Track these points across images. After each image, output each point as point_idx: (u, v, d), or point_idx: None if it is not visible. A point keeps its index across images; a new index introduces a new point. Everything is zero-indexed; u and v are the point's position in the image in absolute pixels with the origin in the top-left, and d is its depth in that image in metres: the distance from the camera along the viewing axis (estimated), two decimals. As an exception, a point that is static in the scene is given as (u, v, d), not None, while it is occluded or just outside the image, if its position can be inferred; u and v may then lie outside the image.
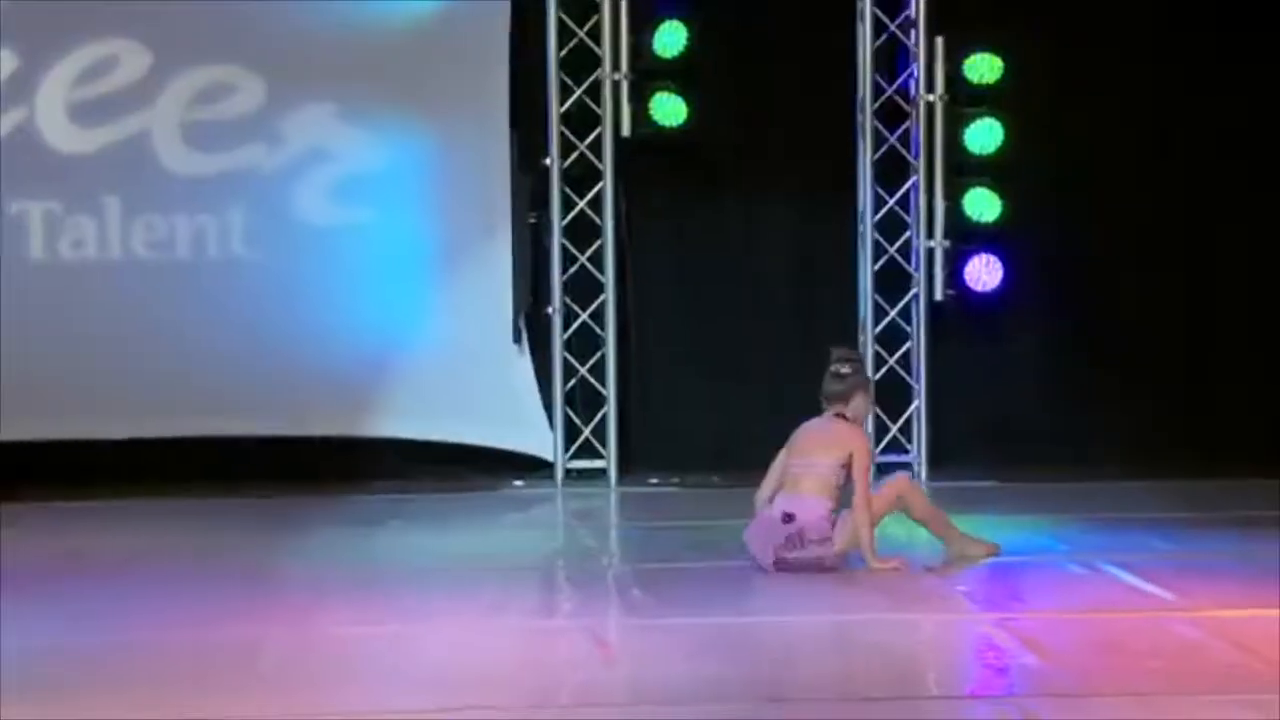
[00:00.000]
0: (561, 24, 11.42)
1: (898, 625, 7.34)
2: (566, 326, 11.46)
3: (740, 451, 11.43)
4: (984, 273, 11.36)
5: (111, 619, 7.50)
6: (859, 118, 11.46)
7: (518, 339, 11.38)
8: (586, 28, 11.45)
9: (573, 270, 11.48)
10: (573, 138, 11.46)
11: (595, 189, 11.47)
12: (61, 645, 7.02)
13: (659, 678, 6.51)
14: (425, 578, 8.42)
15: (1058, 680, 6.40)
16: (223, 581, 8.31)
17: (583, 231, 11.49)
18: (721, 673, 6.53)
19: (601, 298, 11.45)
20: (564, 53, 11.43)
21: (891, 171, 11.51)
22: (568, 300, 11.46)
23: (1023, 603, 7.78)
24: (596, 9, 11.40)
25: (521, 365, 11.42)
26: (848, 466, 8.27)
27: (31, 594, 7.97)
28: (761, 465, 11.23)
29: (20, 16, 11.04)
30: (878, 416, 11.42)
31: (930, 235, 11.42)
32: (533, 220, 11.45)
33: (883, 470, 11.31)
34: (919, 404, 11.46)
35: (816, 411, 11.33)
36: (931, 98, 11.37)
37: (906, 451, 11.49)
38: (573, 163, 11.47)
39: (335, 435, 11.34)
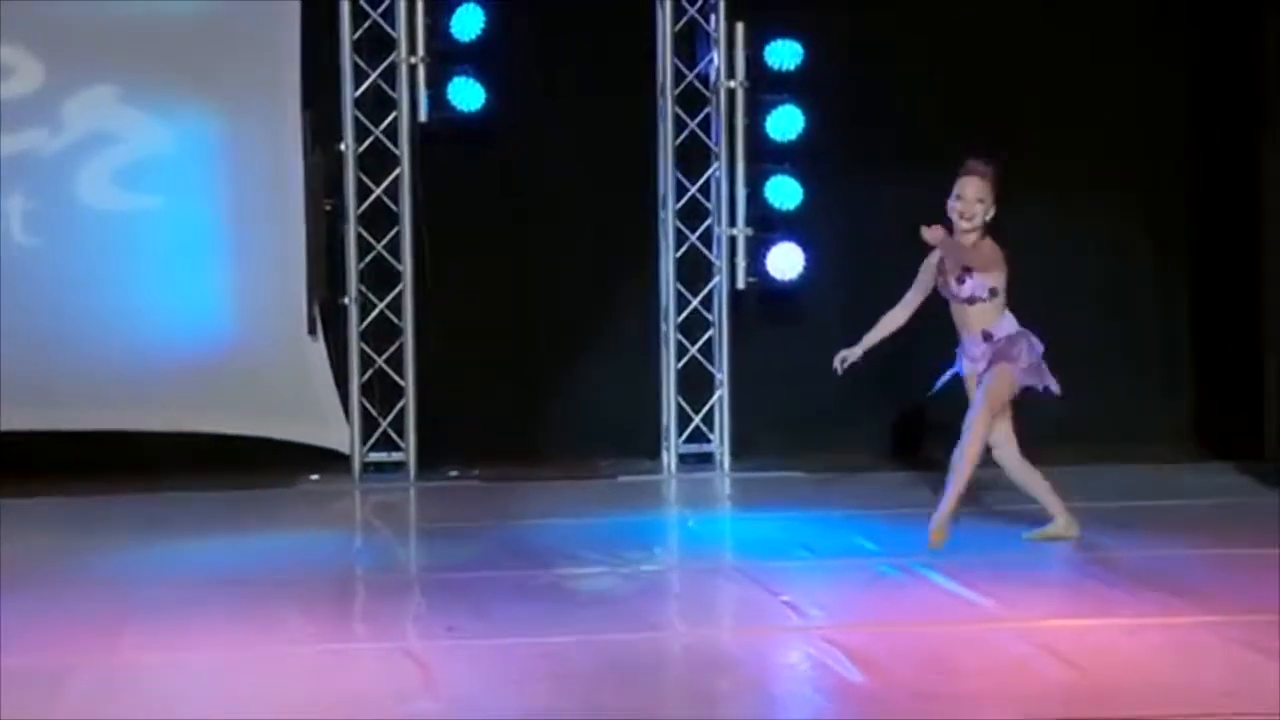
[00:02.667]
0: (355, 5, 10.84)
1: (733, 643, 6.89)
2: (363, 317, 10.89)
3: (540, 442, 11.06)
4: (785, 261, 11.01)
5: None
6: (660, 103, 11.02)
7: (312, 329, 10.77)
8: (381, 9, 10.87)
9: (369, 258, 10.91)
10: (368, 122, 10.89)
11: (392, 175, 10.90)
12: None
13: (488, 708, 6.02)
14: (224, 591, 7.80)
15: (892, 702, 6.00)
16: (8, 596, 7.64)
17: (379, 219, 10.92)
18: (554, 703, 6.05)
19: (399, 287, 10.88)
20: (358, 35, 10.85)
21: (693, 159, 11.09)
22: (364, 289, 10.89)
23: (847, 614, 7.32)
24: (390, -9, 10.85)
25: (317, 356, 10.83)
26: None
27: None
28: (561, 456, 10.92)
29: None
30: (680, 407, 11.05)
31: (732, 223, 11.02)
32: (327, 207, 10.86)
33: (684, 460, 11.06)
34: (722, 393, 11.06)
35: (619, 404, 11.12)
36: (732, 84, 10.96)
37: (709, 441, 11.10)
38: (368, 148, 10.89)
39: (120, 429, 10.68)
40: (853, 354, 8.70)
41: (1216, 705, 5.85)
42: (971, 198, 8.38)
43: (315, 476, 10.74)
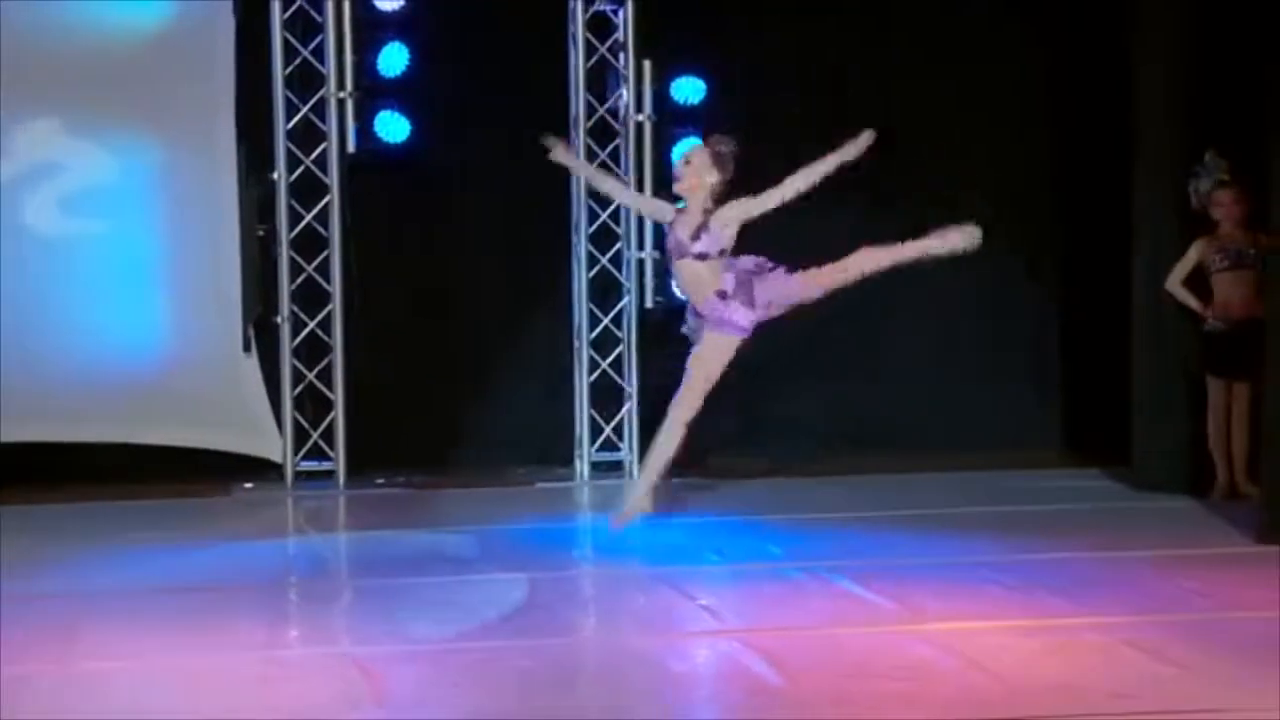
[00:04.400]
0: (286, 42, 10.57)
1: (656, 646, 6.69)
2: (295, 334, 10.61)
3: (462, 451, 10.85)
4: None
5: None
6: (573, 135, 10.80)
7: (247, 347, 10.49)
8: (311, 47, 10.61)
9: (300, 280, 10.64)
10: (299, 153, 10.61)
11: (322, 202, 10.62)
12: None
13: (432, 711, 5.79)
14: (168, 597, 7.51)
15: (813, 706, 5.84)
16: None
17: (310, 243, 10.64)
18: (490, 706, 5.84)
19: (329, 306, 10.61)
20: (289, 70, 10.58)
21: (603, 187, 10.90)
22: (296, 309, 10.62)
23: (761, 618, 7.13)
24: (320, 29, 10.58)
25: (251, 372, 10.54)
26: None
27: None
28: (482, 464, 10.71)
29: None
30: (592, 418, 10.87)
31: (640, 246, 10.85)
32: (261, 232, 10.59)
33: (597, 467, 10.86)
34: (631, 405, 10.88)
35: (536, 415, 10.92)
36: (640, 117, 10.78)
37: (619, 449, 10.92)
38: (299, 177, 10.61)
39: (65, 441, 10.35)
40: (564, 155, 8.55)
41: (1108, 705, 5.75)
42: (682, 159, 8.30)
43: (249, 485, 10.46)
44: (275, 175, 10.57)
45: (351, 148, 10.55)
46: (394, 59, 10.67)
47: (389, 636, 6.84)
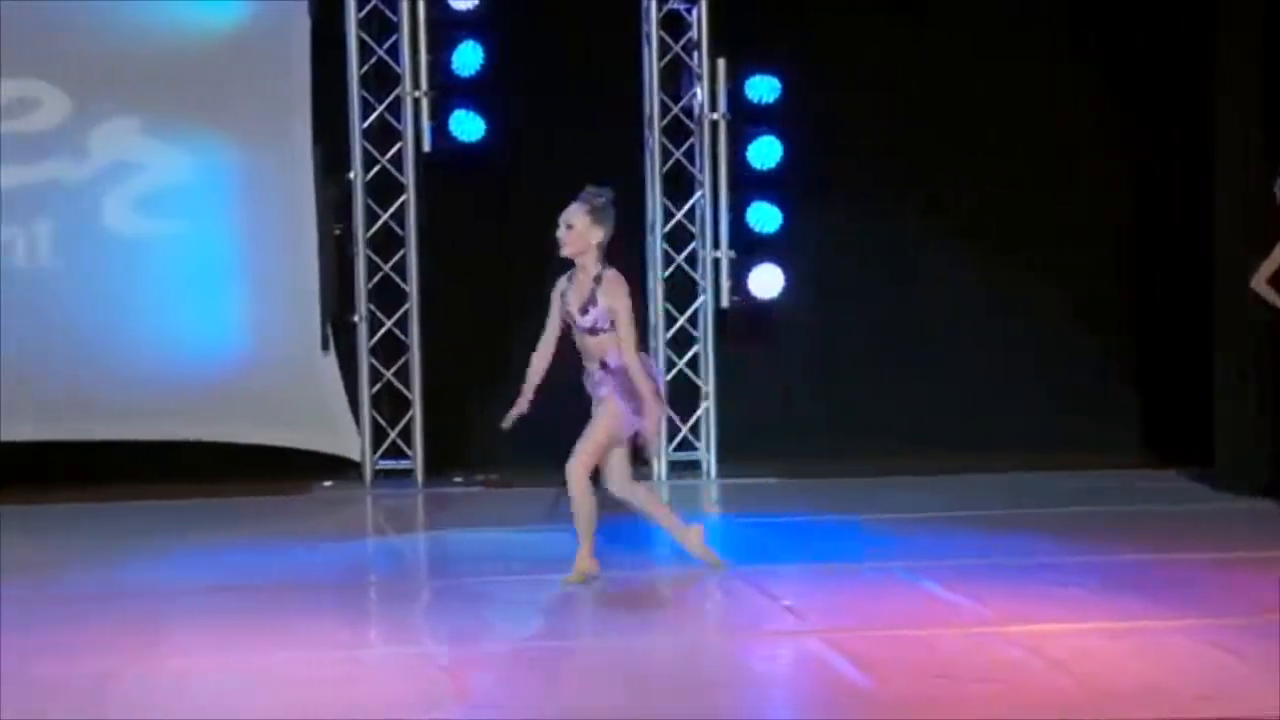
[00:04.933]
0: (361, 42, 10.64)
1: (739, 646, 6.68)
2: (372, 333, 10.67)
3: (538, 450, 10.83)
4: (766, 281, 10.86)
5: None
6: (647, 135, 10.84)
7: (325, 346, 10.56)
8: (386, 46, 10.68)
9: (377, 279, 10.70)
10: (375, 152, 10.68)
11: (398, 201, 10.69)
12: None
13: (514, 711, 5.81)
14: (249, 595, 7.56)
15: (900, 706, 5.83)
16: (44, 601, 7.40)
17: (386, 242, 10.70)
18: (574, 705, 5.85)
19: (406, 305, 10.67)
20: (364, 70, 10.65)
21: (678, 186, 10.89)
22: (373, 308, 10.67)
23: (846, 618, 7.09)
24: (395, 29, 10.64)
25: (329, 371, 10.62)
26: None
27: None
28: (559, 463, 10.71)
29: None
30: (669, 418, 10.88)
31: (715, 246, 10.86)
32: (337, 231, 10.66)
33: (674, 467, 10.86)
34: (708, 405, 10.89)
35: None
36: (714, 116, 10.78)
37: (695, 449, 10.93)
38: (375, 176, 10.68)
39: (148, 439, 10.44)
40: (519, 407, 7.99)
41: (1196, 709, 5.72)
42: (562, 223, 7.80)
43: (329, 483, 10.54)
44: (351, 175, 10.63)
45: (427, 147, 10.60)
46: (469, 58, 10.70)
47: (469, 636, 6.86)
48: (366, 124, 10.65)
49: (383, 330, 10.70)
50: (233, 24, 10.55)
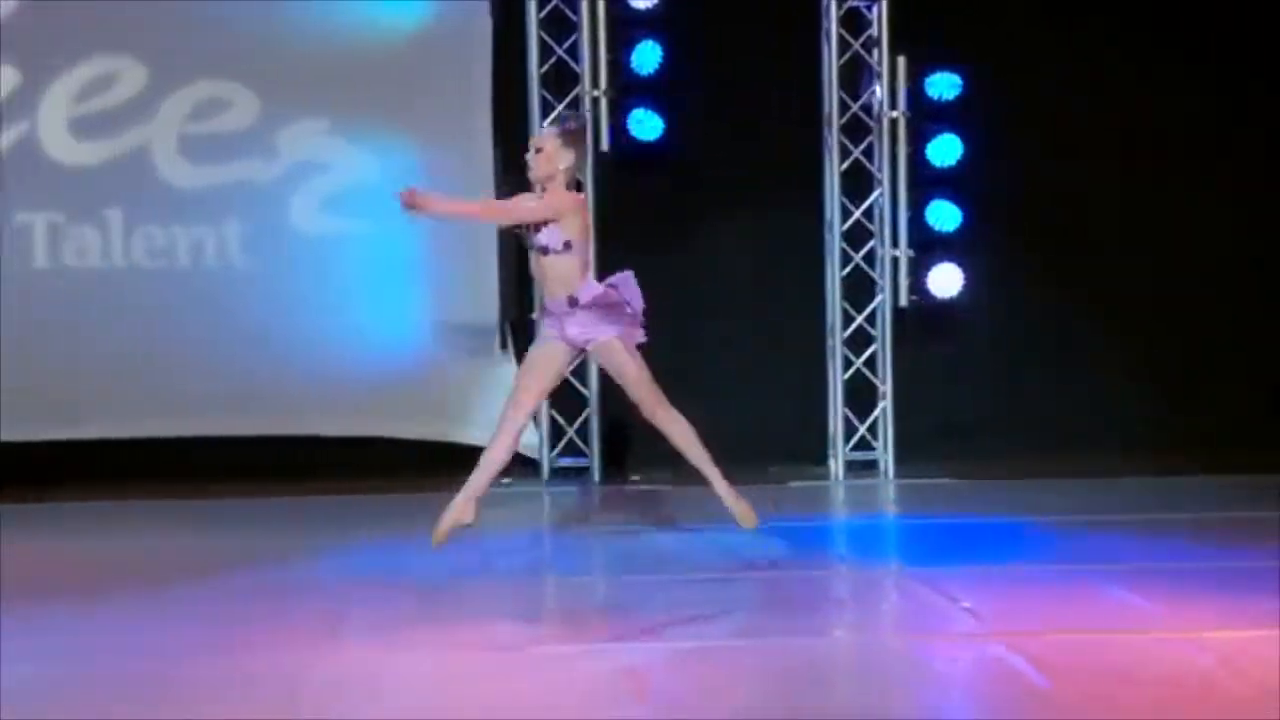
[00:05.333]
0: (542, 42, 10.74)
1: (918, 648, 6.61)
2: (556, 332, 10.79)
3: (713, 448, 10.83)
4: (945, 280, 10.78)
5: (122, 641, 6.72)
6: (825, 133, 10.81)
7: (504, 345, 10.69)
8: (566, 46, 10.77)
9: (556, 278, 10.80)
10: (554, 152, 10.77)
11: (577, 201, 10.79)
12: (70, 677, 6.24)
13: (697, 710, 5.82)
14: (429, 591, 7.67)
15: (1082, 711, 5.75)
16: (237, 596, 7.55)
17: (565, 242, 10.80)
18: (756, 705, 5.84)
19: (592, 306, 10.77)
20: (544, 69, 10.75)
21: (857, 184, 10.86)
22: (553, 307, 10.79)
23: (1026, 620, 7.00)
24: (575, 28, 10.72)
25: (508, 370, 10.71)
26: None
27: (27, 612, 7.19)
28: (733, 461, 10.72)
29: (21, 34, 10.31)
30: (846, 417, 10.83)
31: (894, 244, 10.79)
32: (517, 231, 10.72)
33: (850, 467, 10.80)
34: (885, 405, 10.83)
35: (788, 414, 10.90)
36: (894, 114, 10.72)
37: (873, 449, 10.88)
38: (554, 175, 10.79)
39: (329, 435, 10.64)
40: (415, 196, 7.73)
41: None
42: (532, 146, 7.77)
43: (507, 480, 10.62)
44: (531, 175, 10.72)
45: (605, 146, 10.66)
46: (647, 57, 10.75)
47: (647, 634, 6.87)
48: (546, 123, 10.74)
49: (567, 329, 10.78)
50: (416, 25, 10.71)
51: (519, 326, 10.71)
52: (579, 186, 7.78)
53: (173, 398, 10.49)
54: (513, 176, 10.65)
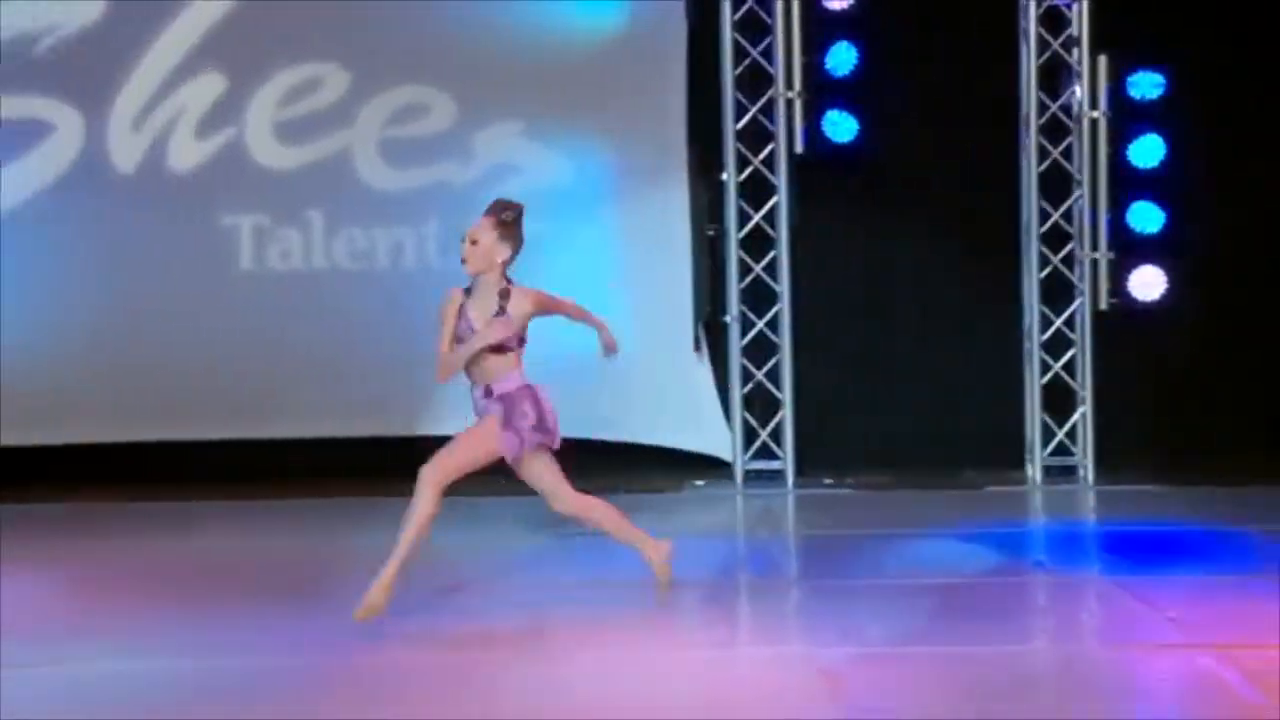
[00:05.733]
0: (736, 45, 10.73)
1: (1121, 658, 6.52)
2: (743, 334, 10.76)
3: (908, 452, 10.80)
4: (1146, 283, 10.59)
5: (311, 635, 6.84)
6: (1023, 134, 10.66)
7: (698, 346, 10.71)
8: (760, 48, 10.75)
9: (749, 280, 10.78)
10: (747, 153, 10.75)
11: (770, 203, 10.74)
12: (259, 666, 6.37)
13: (888, 713, 5.78)
14: (624, 590, 7.71)
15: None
16: (434, 596, 7.66)
17: (758, 243, 10.76)
18: (948, 712, 5.79)
19: (777, 306, 10.73)
20: (739, 72, 10.73)
21: (1055, 185, 10.68)
22: (744, 309, 10.76)
23: (1235, 633, 6.81)
24: (770, 30, 10.70)
25: (701, 371, 10.75)
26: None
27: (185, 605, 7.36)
28: (928, 465, 10.66)
29: (229, 43, 10.54)
30: (1044, 422, 10.67)
31: (1094, 247, 10.62)
32: (710, 232, 10.79)
33: (1048, 473, 10.64)
34: (1085, 409, 10.65)
35: (984, 417, 10.76)
36: (1094, 114, 10.54)
37: (1072, 454, 10.71)
38: (748, 177, 10.76)
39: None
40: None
41: None
42: (467, 238, 7.38)
43: (700, 482, 10.67)
44: (724, 176, 10.73)
45: (799, 148, 10.63)
46: (842, 58, 10.69)
47: (842, 637, 6.85)
48: (740, 125, 10.73)
49: (754, 331, 10.77)
50: (612, 28, 10.75)
51: (710, 327, 10.71)
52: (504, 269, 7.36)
53: (373, 396, 10.65)
54: (704, 179, 10.71)
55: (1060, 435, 10.69)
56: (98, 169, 10.57)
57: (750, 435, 10.75)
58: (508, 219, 7.37)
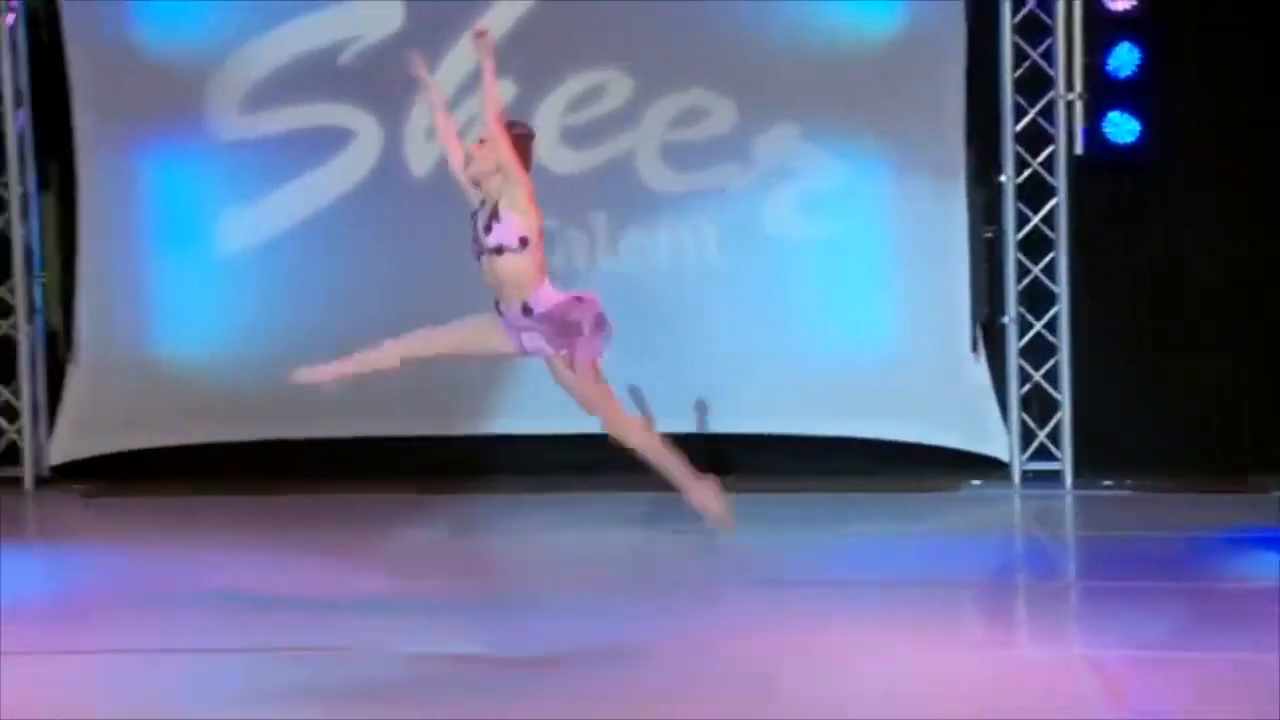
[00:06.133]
0: (1016, 47, 10.74)
1: None
2: (1021, 335, 10.77)
3: (1190, 456, 10.68)
4: None
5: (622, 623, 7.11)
6: (1307, 137, 10.50)
7: (974, 347, 10.75)
8: (1040, 50, 10.74)
9: (1026, 282, 10.78)
10: (1026, 155, 10.76)
11: (1049, 204, 10.73)
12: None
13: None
14: (897, 590, 7.84)
15: None
16: (711, 590, 7.88)
17: (1036, 245, 10.76)
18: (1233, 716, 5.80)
19: (1055, 308, 10.71)
20: (1019, 74, 10.74)
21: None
22: (1022, 310, 10.76)
23: None
24: (1050, 32, 10.69)
25: (979, 372, 10.78)
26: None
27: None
28: (1208, 468, 10.54)
29: (519, 51, 10.86)
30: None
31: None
32: (988, 235, 10.83)
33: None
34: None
35: (1273, 421, 10.57)
36: (1390, 114, 10.34)
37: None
38: (1027, 179, 10.77)
39: (795, 434, 10.87)
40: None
41: None
42: (473, 145, 7.29)
43: (977, 482, 10.71)
44: (1003, 178, 10.74)
45: (1079, 149, 10.60)
46: (1124, 59, 10.62)
47: (1123, 640, 6.87)
48: (1019, 127, 10.74)
49: (1032, 332, 10.78)
50: (890, 29, 10.81)
51: (990, 329, 10.74)
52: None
53: (645, 395, 10.84)
54: (982, 181, 10.75)
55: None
56: (394, 175, 11.00)
57: (1028, 436, 10.75)
58: (522, 132, 7.28)
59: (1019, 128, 10.73)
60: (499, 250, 6.97)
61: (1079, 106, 10.59)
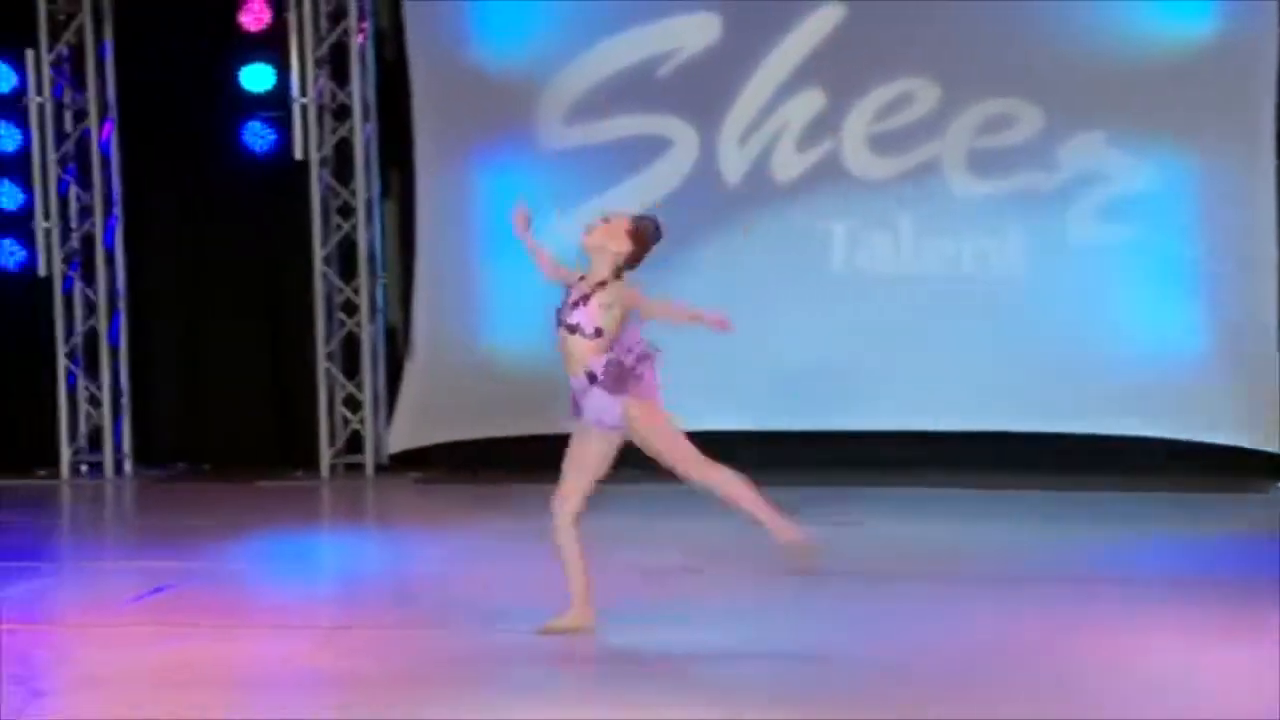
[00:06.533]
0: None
1: None
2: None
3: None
4: None
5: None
6: None
7: (1280, 347, 10.77)
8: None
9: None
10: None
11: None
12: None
13: None
14: (1198, 590, 7.98)
15: None
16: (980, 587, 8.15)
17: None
18: None
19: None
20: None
21: None
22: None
23: None
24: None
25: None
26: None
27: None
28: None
29: (829, 63, 11.25)
30: None
31: None
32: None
33: None
34: None
35: None
36: None
37: None
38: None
39: (1096, 434, 11.00)
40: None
41: None
42: (596, 219, 7.15)
43: (1280, 484, 10.71)
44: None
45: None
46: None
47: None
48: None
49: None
50: (1198, 32, 10.84)
51: (1293, 333, 10.76)
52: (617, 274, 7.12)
53: (952, 393, 11.11)
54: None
55: None
56: (708, 181, 11.44)
57: (1293, 427, 10.68)
58: (641, 225, 7.24)
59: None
60: (572, 330, 7.18)
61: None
